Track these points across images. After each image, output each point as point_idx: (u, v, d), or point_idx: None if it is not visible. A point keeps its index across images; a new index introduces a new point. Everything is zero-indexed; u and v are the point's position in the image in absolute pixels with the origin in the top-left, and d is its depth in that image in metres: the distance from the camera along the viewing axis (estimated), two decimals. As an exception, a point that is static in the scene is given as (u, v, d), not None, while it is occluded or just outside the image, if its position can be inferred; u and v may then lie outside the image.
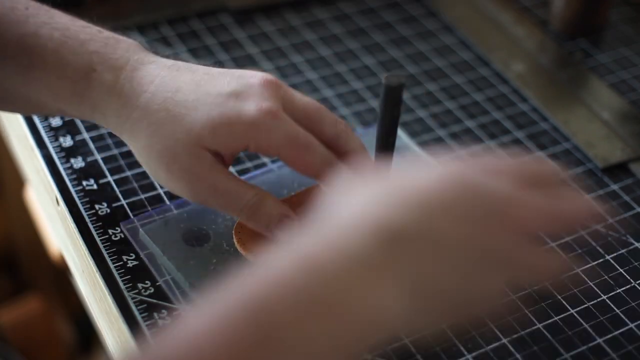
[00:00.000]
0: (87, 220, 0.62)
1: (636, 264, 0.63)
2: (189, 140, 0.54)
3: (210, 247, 0.59)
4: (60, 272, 1.21)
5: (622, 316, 0.59)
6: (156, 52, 0.58)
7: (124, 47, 0.57)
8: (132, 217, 0.62)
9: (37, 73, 0.56)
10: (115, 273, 0.58)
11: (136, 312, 0.55)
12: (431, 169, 0.46)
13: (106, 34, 0.57)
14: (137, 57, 0.56)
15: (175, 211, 0.62)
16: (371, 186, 0.46)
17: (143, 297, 0.56)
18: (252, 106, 0.54)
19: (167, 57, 0.58)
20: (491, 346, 0.56)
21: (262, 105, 0.54)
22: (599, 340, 0.57)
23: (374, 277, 0.42)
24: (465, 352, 0.55)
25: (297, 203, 0.59)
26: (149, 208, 0.63)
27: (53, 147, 0.68)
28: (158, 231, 0.60)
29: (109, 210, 0.62)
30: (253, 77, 0.55)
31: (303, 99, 0.57)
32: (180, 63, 0.57)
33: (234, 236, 0.58)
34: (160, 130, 0.54)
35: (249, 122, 0.54)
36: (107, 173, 0.66)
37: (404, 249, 0.43)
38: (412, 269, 0.43)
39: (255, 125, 0.53)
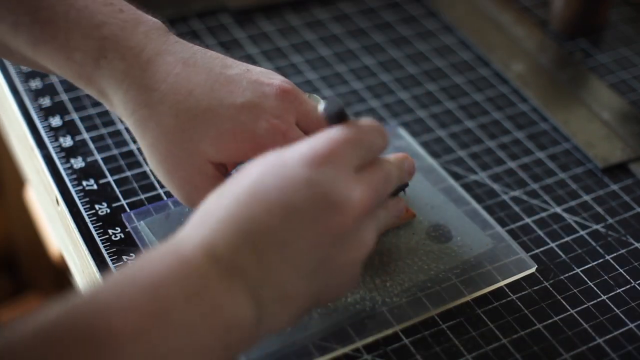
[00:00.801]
0: (87, 220, 0.62)
1: (636, 264, 0.63)
2: (194, 152, 0.54)
3: None
4: (60, 272, 1.21)
5: (622, 316, 0.59)
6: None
7: (143, 31, 0.55)
8: (132, 210, 0.62)
9: (47, 49, 0.55)
10: (115, 273, 0.58)
11: (136, 312, 0.55)
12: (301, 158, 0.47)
13: (127, 14, 0.55)
14: (154, 44, 0.55)
15: (173, 207, 0.62)
16: (242, 181, 0.47)
17: (143, 297, 0.56)
18: (263, 124, 0.53)
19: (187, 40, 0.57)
20: (491, 346, 0.56)
21: (273, 123, 0.53)
22: (599, 340, 0.57)
23: (225, 283, 0.44)
24: (465, 352, 0.55)
25: None
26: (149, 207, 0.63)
27: (53, 147, 0.68)
28: (159, 224, 0.60)
29: (109, 210, 0.62)
30: (269, 85, 0.54)
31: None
32: (198, 54, 0.55)
33: None
34: (168, 135, 0.53)
35: (258, 140, 0.53)
36: (107, 173, 0.66)
37: (255, 254, 0.45)
38: (260, 275, 0.45)
39: (264, 144, 0.53)
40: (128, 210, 0.62)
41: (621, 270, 0.62)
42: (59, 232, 0.72)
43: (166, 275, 0.43)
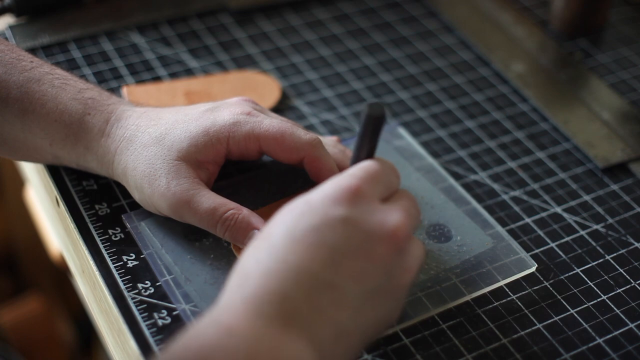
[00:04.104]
0: (87, 220, 0.62)
1: (636, 264, 0.63)
2: (169, 155, 0.57)
3: (209, 242, 0.59)
4: (60, 272, 1.21)
5: (622, 316, 0.59)
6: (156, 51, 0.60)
7: (115, 98, 0.62)
8: (133, 211, 0.62)
9: (36, 116, 0.60)
10: (115, 273, 0.58)
11: (136, 312, 0.55)
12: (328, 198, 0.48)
13: (100, 88, 0.63)
14: (127, 104, 0.62)
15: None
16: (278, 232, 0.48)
17: (143, 297, 0.56)
18: (225, 113, 0.59)
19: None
20: (491, 346, 0.56)
21: (235, 110, 0.59)
22: (599, 340, 0.57)
23: (279, 335, 0.44)
24: (465, 352, 0.55)
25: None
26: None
27: (53, 147, 0.68)
28: (159, 225, 0.60)
29: (109, 210, 0.62)
30: (229, 99, 0.61)
31: (278, 118, 0.61)
32: (164, 107, 0.62)
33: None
34: (144, 152, 0.58)
35: (223, 123, 0.58)
36: (107, 173, 0.66)
37: (304, 298, 0.46)
38: (314, 317, 0.46)
39: (230, 125, 0.58)
40: (128, 210, 0.62)
41: (621, 270, 0.62)
42: (59, 232, 0.72)
43: (216, 349, 0.43)
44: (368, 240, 0.47)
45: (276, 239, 0.47)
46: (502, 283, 0.60)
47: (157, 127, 0.59)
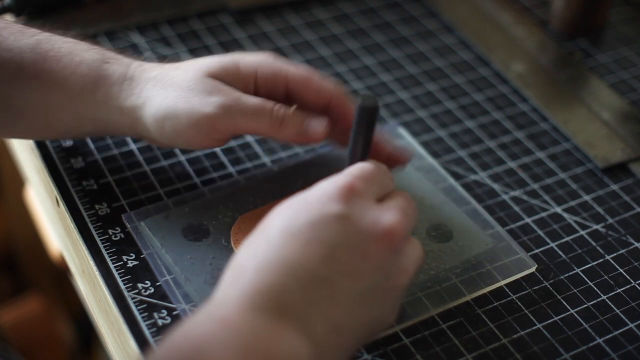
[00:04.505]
0: (87, 220, 0.62)
1: (636, 264, 0.63)
2: (201, 73, 0.58)
3: (209, 242, 0.59)
4: (60, 272, 1.21)
5: (622, 316, 0.59)
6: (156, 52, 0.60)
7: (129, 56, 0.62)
8: (133, 210, 0.62)
9: (53, 72, 0.59)
10: (115, 273, 0.58)
11: (136, 312, 0.55)
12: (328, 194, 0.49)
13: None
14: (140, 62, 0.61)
15: (173, 207, 0.62)
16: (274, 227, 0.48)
17: (143, 297, 0.56)
18: (255, 54, 0.60)
19: None
20: (491, 346, 0.56)
21: (262, 54, 0.60)
22: (599, 340, 0.57)
23: (276, 328, 0.44)
24: (465, 352, 0.55)
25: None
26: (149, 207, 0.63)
27: (53, 147, 0.68)
28: (158, 224, 0.60)
29: (109, 210, 0.62)
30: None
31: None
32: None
33: (231, 237, 0.59)
34: (175, 79, 0.58)
35: (253, 59, 0.59)
36: (107, 173, 0.66)
37: (301, 290, 0.46)
38: (310, 309, 0.46)
39: (259, 61, 0.59)
40: (128, 210, 0.62)
41: (621, 270, 0.62)
42: (59, 232, 0.72)
43: (211, 342, 0.43)
44: (363, 238, 0.47)
45: (272, 234, 0.47)
46: (502, 283, 0.60)
47: (182, 64, 0.59)
